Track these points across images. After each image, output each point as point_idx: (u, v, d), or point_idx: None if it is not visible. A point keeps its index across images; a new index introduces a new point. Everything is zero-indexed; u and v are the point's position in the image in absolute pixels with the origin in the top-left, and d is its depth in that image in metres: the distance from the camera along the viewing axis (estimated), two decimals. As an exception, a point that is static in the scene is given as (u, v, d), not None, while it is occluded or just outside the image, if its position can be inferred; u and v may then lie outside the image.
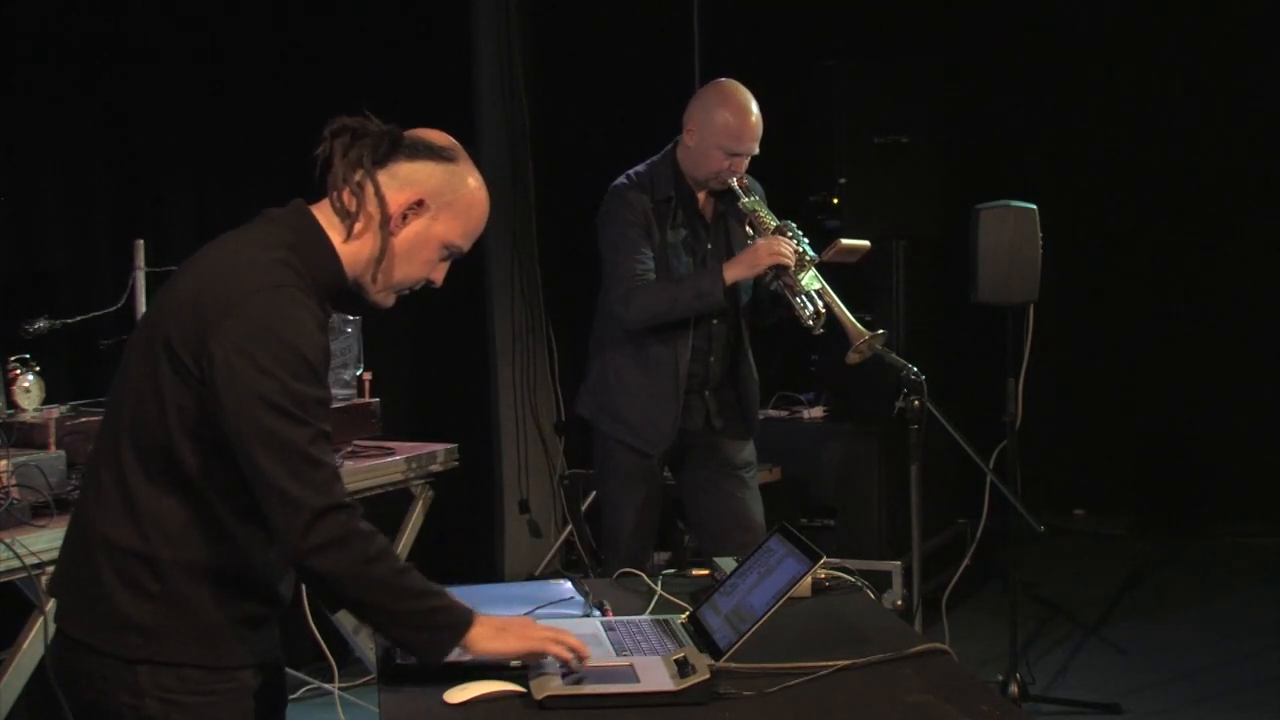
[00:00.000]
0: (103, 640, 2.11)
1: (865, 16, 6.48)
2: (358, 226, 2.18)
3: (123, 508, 2.11)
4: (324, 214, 2.20)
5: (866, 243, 3.99)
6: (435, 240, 2.22)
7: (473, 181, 2.25)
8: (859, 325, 3.70)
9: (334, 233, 2.19)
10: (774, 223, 3.80)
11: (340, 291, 2.21)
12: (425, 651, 2.20)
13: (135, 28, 4.62)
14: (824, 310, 3.72)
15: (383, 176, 2.19)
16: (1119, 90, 6.87)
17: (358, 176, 2.18)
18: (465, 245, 2.26)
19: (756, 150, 3.82)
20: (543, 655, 2.24)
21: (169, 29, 4.73)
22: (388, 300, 2.27)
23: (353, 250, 2.19)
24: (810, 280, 3.72)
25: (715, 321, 3.92)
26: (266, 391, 2.03)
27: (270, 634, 2.27)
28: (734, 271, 3.74)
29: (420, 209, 2.20)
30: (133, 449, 2.12)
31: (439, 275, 2.27)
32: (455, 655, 2.22)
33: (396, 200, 2.19)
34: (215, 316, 2.05)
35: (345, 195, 2.18)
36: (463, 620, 2.20)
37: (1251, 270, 6.80)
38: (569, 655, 2.24)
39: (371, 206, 2.18)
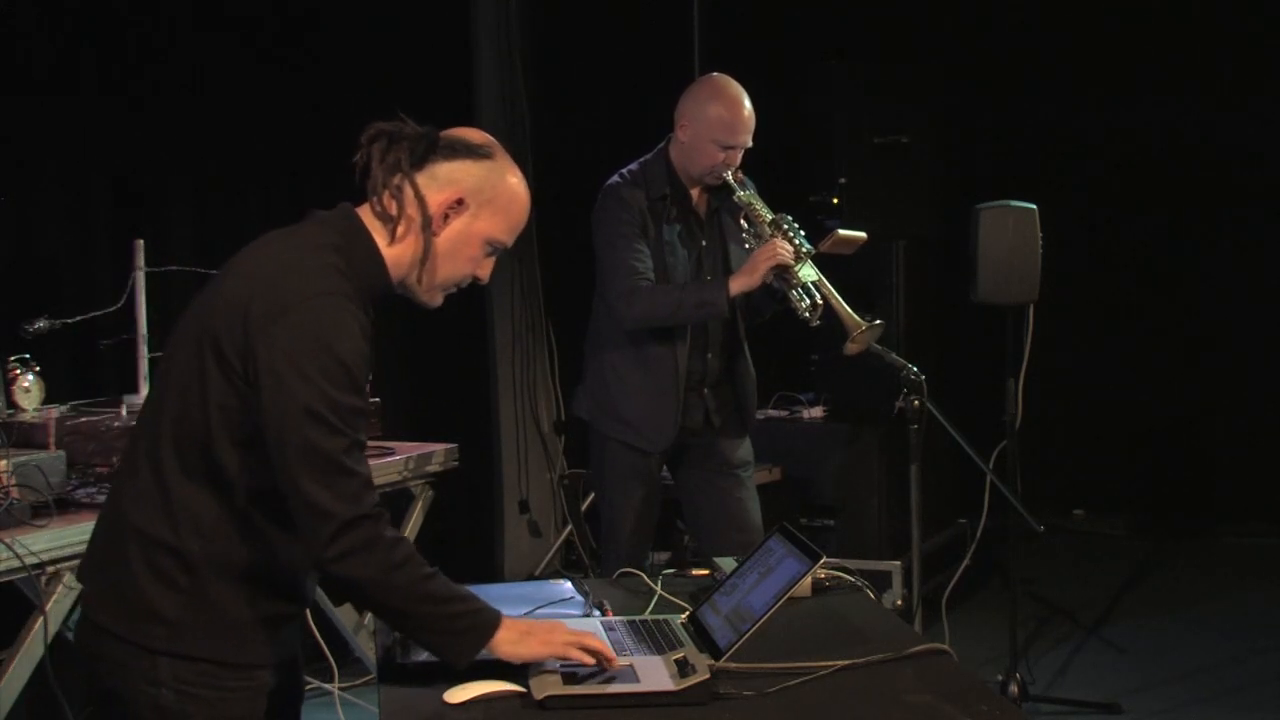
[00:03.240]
0: (127, 629, 2.14)
1: (865, 16, 6.48)
2: (400, 229, 2.21)
3: (158, 499, 2.14)
4: (368, 218, 2.23)
5: (863, 234, 3.99)
6: (478, 237, 2.25)
7: (512, 177, 2.27)
8: (856, 316, 3.70)
9: (378, 236, 2.21)
10: (770, 215, 3.80)
11: (387, 294, 2.24)
12: (450, 656, 2.21)
13: (136, 28, 4.62)
14: (821, 303, 3.72)
15: (421, 178, 2.21)
16: (1119, 90, 6.86)
17: (396, 180, 2.20)
18: (509, 240, 2.29)
19: (750, 143, 3.82)
20: (569, 660, 2.25)
21: (169, 29, 4.74)
22: (436, 299, 2.29)
23: (397, 253, 2.22)
24: (807, 272, 3.72)
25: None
26: (308, 399, 2.05)
27: (293, 633, 2.29)
28: (738, 284, 3.74)
29: (461, 208, 2.22)
30: (173, 443, 2.14)
31: (485, 271, 2.30)
32: (481, 657, 2.22)
33: (437, 201, 2.21)
34: (264, 321, 2.07)
35: (386, 199, 2.20)
36: (489, 624, 2.21)
37: (1251, 270, 6.80)
38: (592, 661, 2.25)
39: (412, 209, 2.20)
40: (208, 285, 2.23)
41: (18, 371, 3.61)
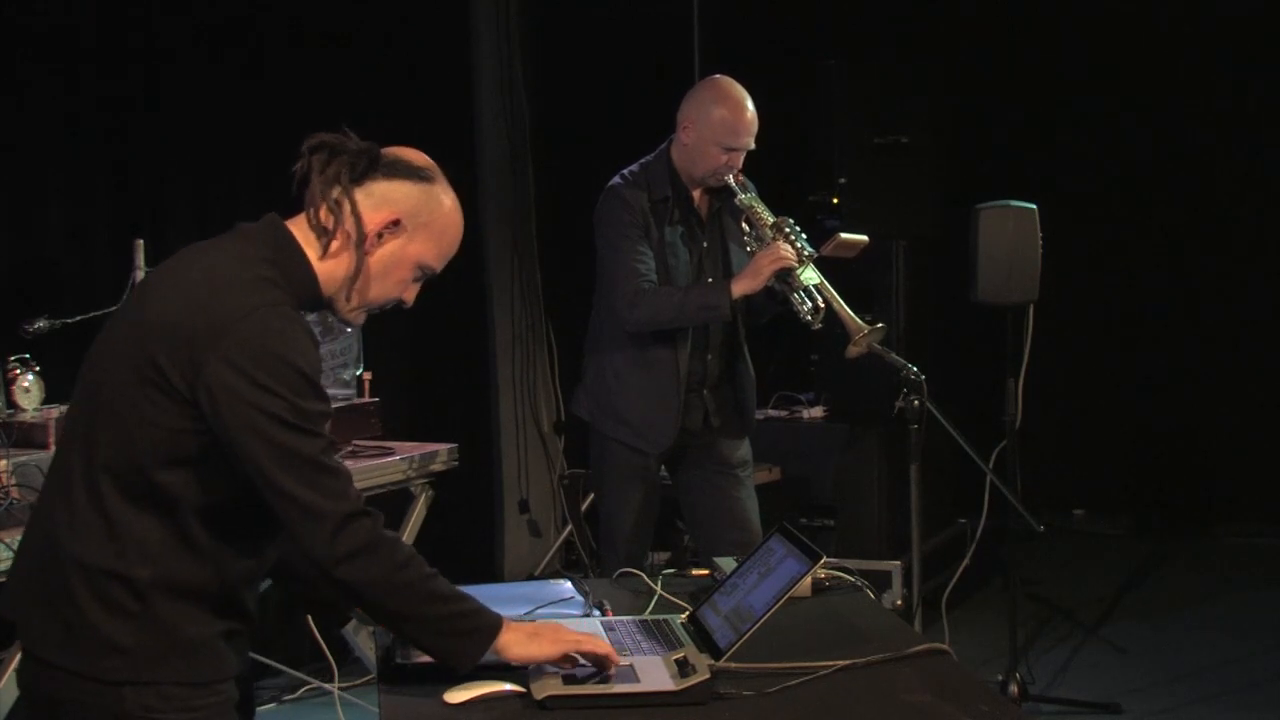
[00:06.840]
0: (82, 664, 2.07)
1: (865, 16, 6.48)
2: (334, 244, 2.17)
3: (99, 527, 2.07)
4: (299, 229, 2.18)
5: (865, 237, 4.00)
6: (409, 260, 2.21)
7: (448, 202, 2.23)
8: (857, 319, 3.70)
9: (309, 249, 2.17)
10: (771, 218, 3.80)
11: (316, 307, 2.21)
12: (456, 657, 2.19)
13: (136, 28, 4.62)
14: (823, 305, 3.72)
15: (359, 194, 2.17)
16: (1119, 90, 6.86)
17: (335, 194, 2.16)
18: (438, 266, 2.25)
19: (753, 145, 3.83)
20: (575, 660, 2.24)
21: (170, 29, 4.74)
22: (359, 318, 2.25)
23: (328, 268, 2.18)
24: (809, 276, 3.72)
25: None
26: (273, 409, 2.02)
27: (244, 647, 2.25)
28: (741, 286, 3.75)
29: (396, 229, 2.19)
30: (110, 469, 2.08)
31: (410, 295, 2.26)
32: (485, 660, 2.22)
33: (373, 219, 2.17)
34: (208, 340, 2.02)
35: (322, 212, 2.16)
36: (492, 626, 2.20)
37: (1251, 269, 6.80)
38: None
39: (348, 224, 2.16)
40: (129, 304, 2.17)
41: (18, 371, 3.62)
